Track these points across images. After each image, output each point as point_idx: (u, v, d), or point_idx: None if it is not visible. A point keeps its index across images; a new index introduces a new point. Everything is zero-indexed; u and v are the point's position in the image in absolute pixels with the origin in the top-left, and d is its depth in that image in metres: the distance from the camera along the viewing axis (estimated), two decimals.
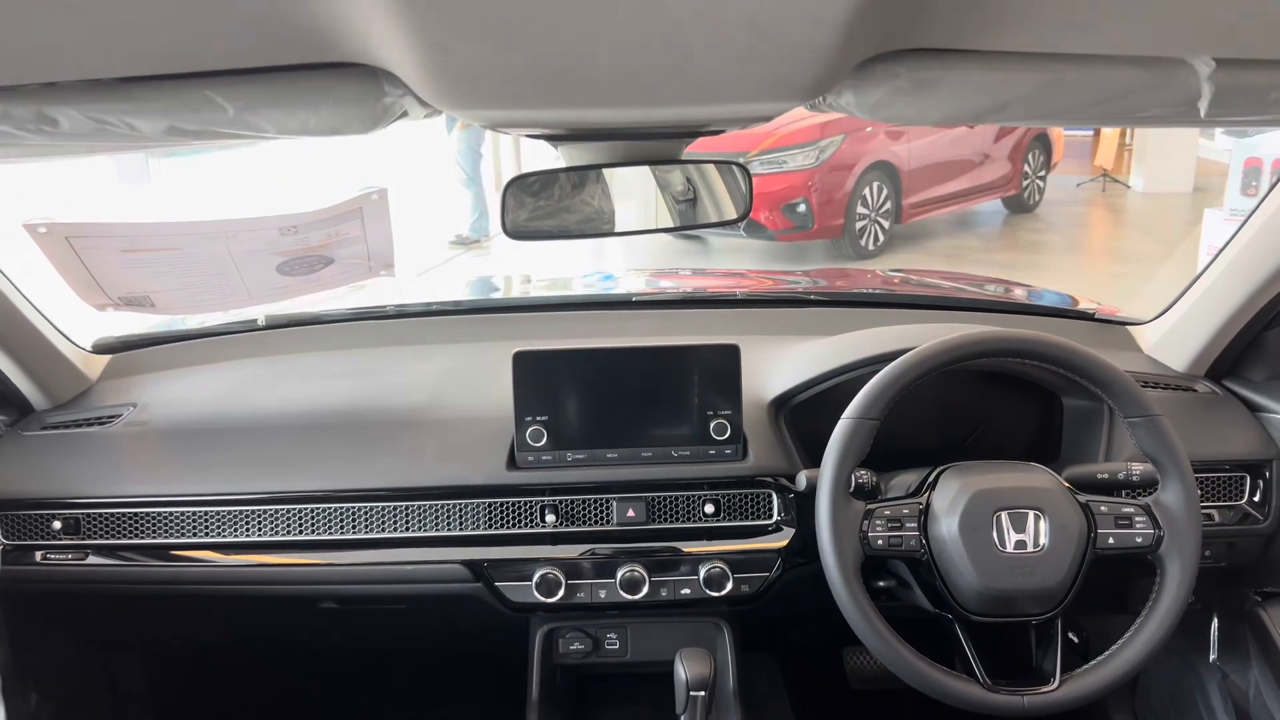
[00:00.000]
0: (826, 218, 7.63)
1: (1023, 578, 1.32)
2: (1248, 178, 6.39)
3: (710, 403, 1.54)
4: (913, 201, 8.24)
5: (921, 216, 8.44)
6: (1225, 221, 6.23)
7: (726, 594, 1.50)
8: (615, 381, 1.53)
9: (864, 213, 7.86)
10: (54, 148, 0.88)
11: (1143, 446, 1.36)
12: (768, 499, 1.54)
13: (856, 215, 7.80)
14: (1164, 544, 1.33)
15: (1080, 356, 1.36)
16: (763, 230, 7.64)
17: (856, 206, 7.80)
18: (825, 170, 7.59)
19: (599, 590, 1.51)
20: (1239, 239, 1.61)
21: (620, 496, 1.53)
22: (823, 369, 1.60)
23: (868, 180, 7.87)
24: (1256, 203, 1.57)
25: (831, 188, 7.63)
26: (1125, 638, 1.33)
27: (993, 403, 1.74)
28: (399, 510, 1.52)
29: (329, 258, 1.63)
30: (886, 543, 1.35)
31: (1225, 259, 1.64)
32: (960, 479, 1.38)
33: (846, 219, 7.75)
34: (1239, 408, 1.64)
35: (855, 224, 7.79)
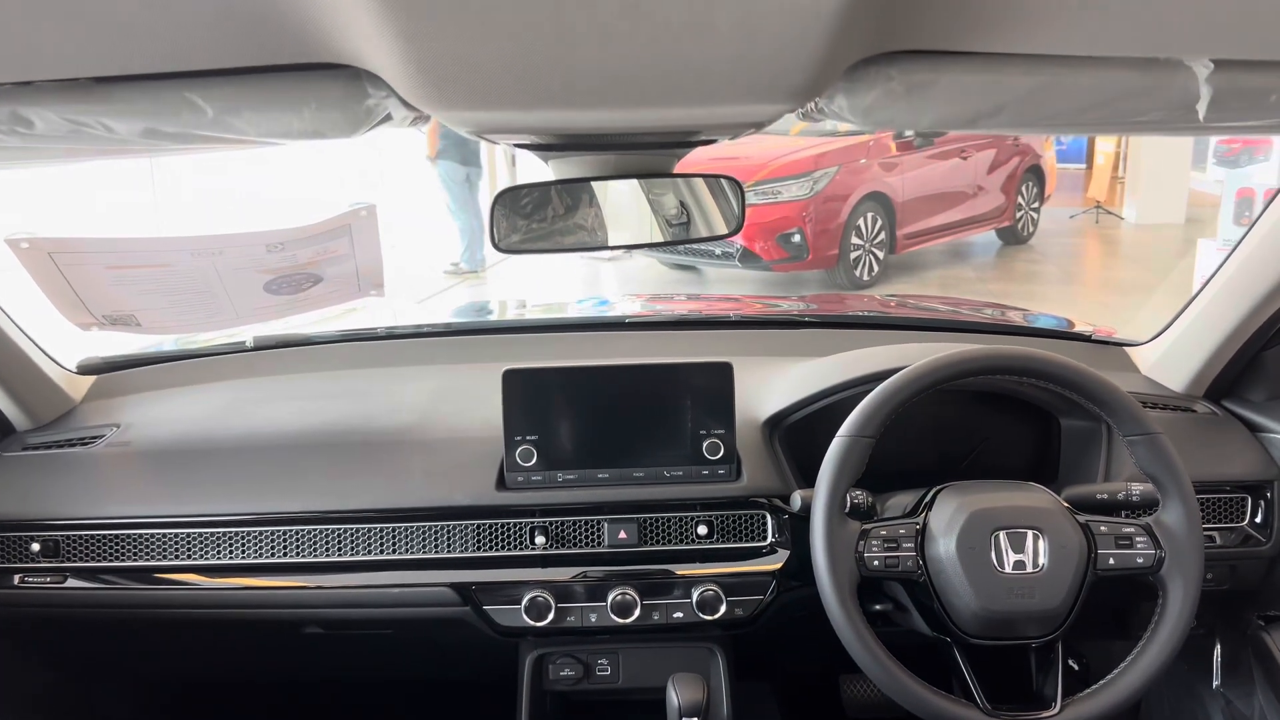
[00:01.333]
0: (821, 248, 7.65)
1: (1022, 599, 1.29)
2: (1240, 208, 6.42)
3: (703, 422, 1.51)
4: (907, 232, 8.27)
5: (916, 247, 8.48)
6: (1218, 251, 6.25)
7: (720, 617, 1.47)
8: (607, 400, 1.50)
9: (858, 243, 7.89)
10: (29, 151, 0.86)
11: (1142, 465, 1.33)
12: (762, 520, 1.52)
13: (851, 245, 7.83)
14: (1165, 564, 1.31)
15: (1078, 374, 1.34)
16: (757, 260, 7.66)
17: (851, 237, 7.83)
18: (820, 201, 7.63)
19: (590, 614, 1.48)
20: (1234, 259, 1.60)
21: (611, 518, 1.50)
22: (817, 388, 1.58)
23: (862, 211, 7.91)
24: (1251, 223, 1.56)
25: (826, 218, 7.67)
26: (1128, 661, 1.30)
27: (990, 423, 1.72)
28: (385, 532, 1.49)
29: (317, 276, 1.62)
30: (883, 563, 1.32)
31: (1221, 279, 1.63)
32: (958, 499, 1.35)
33: (841, 249, 7.78)
34: (1239, 428, 1.62)
35: (850, 254, 7.81)
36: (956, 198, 8.74)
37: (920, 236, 8.42)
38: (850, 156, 7.93)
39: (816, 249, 7.60)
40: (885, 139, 8.21)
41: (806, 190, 7.62)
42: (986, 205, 9.07)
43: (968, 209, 8.89)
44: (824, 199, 7.66)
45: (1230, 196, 6.45)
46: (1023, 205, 9.55)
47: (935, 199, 8.49)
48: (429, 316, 2.43)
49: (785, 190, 7.61)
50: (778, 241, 7.57)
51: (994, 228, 9.35)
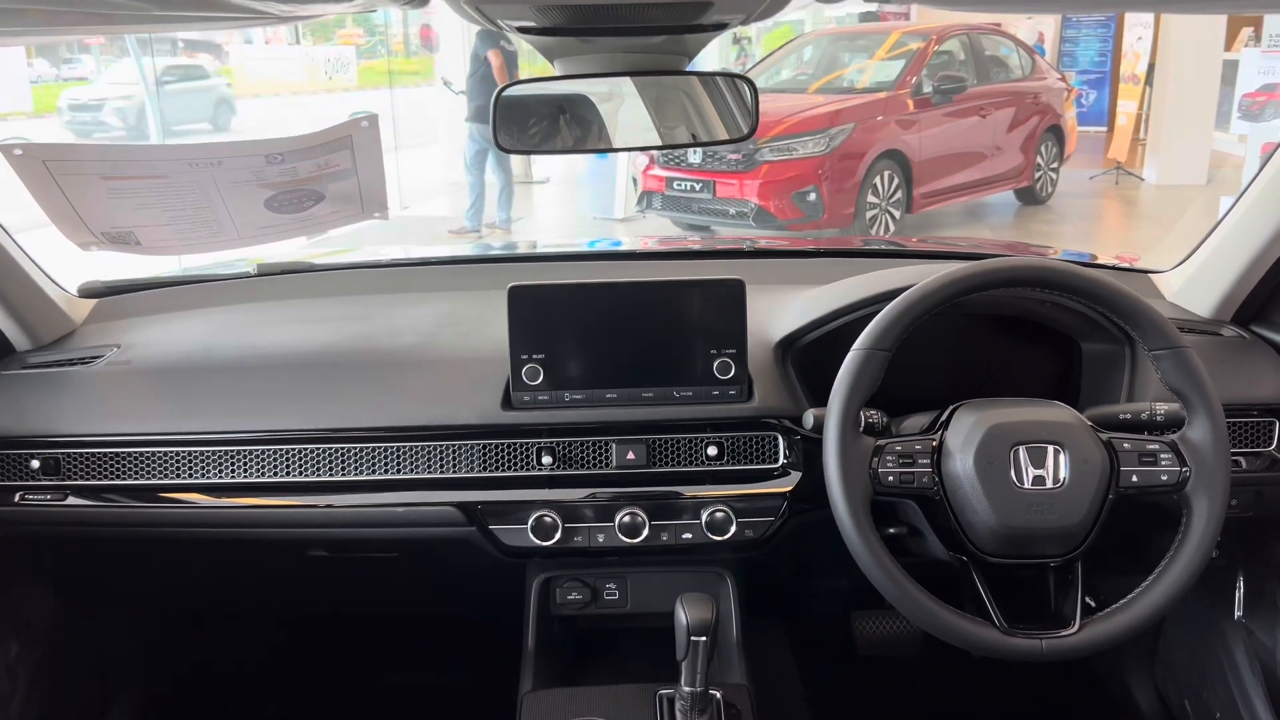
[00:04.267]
0: (837, 207, 7.55)
1: (1041, 515, 1.25)
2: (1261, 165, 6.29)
3: (714, 340, 1.47)
4: (924, 191, 8.15)
5: (933, 207, 8.36)
6: None
7: (729, 539, 1.44)
8: (615, 318, 1.47)
9: (874, 202, 7.79)
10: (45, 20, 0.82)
11: (1168, 381, 1.29)
12: (773, 441, 1.48)
13: (867, 204, 7.73)
14: (1190, 482, 1.26)
15: (1103, 286, 1.29)
16: (772, 220, 7.57)
17: (867, 195, 7.72)
18: (836, 158, 7.51)
19: (597, 534, 1.45)
20: (1260, 181, 1.55)
21: (620, 438, 1.46)
22: (832, 307, 1.53)
23: (879, 169, 7.79)
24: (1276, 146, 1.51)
25: (842, 176, 7.56)
26: (1149, 581, 1.27)
27: (1007, 349, 1.67)
28: (389, 451, 1.46)
29: (319, 193, 1.58)
30: (898, 480, 1.28)
31: (1246, 202, 1.58)
32: (976, 414, 1.31)
33: (857, 208, 7.68)
34: (1267, 351, 1.57)
35: (866, 213, 7.72)
36: (974, 157, 8.61)
37: (937, 196, 8.31)
38: (867, 113, 7.81)
39: (832, 208, 7.51)
40: (903, 96, 8.08)
41: (823, 147, 7.50)
42: (1005, 165, 8.93)
43: (986, 168, 8.75)
44: (840, 156, 7.54)
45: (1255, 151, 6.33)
46: (1041, 165, 9.39)
47: (953, 158, 8.36)
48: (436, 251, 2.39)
49: (800, 147, 7.48)
50: (793, 200, 7.47)
51: (1012, 188, 9.22)
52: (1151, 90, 10.94)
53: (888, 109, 7.96)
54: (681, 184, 7.72)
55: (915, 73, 8.18)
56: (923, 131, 8.12)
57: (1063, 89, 9.67)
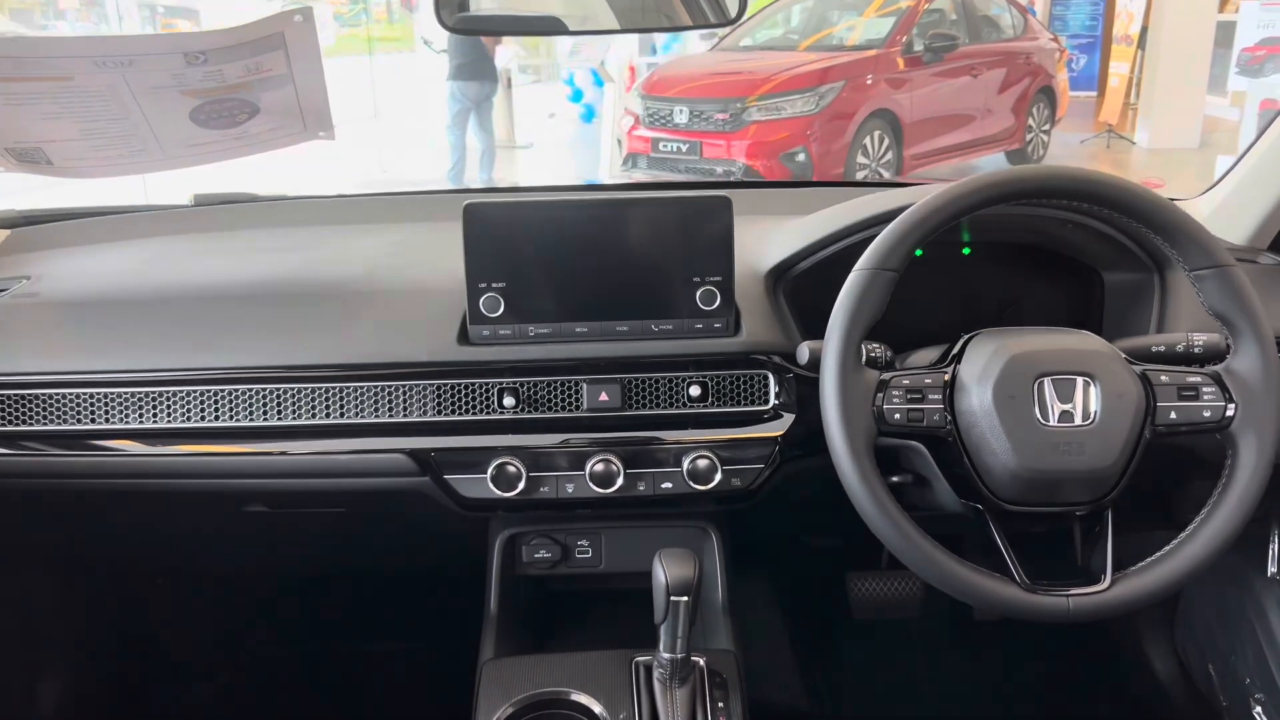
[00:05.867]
0: (826, 168, 7.37)
1: (1069, 456, 1.10)
2: (1264, 120, 6.14)
3: (697, 267, 1.31)
4: (915, 153, 7.98)
5: (923, 168, 8.18)
6: None
7: (714, 488, 1.29)
8: (585, 242, 1.30)
9: (864, 163, 7.61)
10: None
11: (1211, 304, 1.14)
12: (763, 380, 1.32)
13: (857, 165, 7.55)
14: (1237, 418, 1.11)
15: (1142, 197, 1.13)
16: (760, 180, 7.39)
17: (857, 156, 7.55)
18: (825, 118, 7.33)
19: (566, 484, 1.29)
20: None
21: (591, 378, 1.31)
22: (828, 231, 1.37)
23: (869, 129, 7.62)
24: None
25: (831, 136, 7.39)
26: (1190, 529, 1.12)
27: (1021, 283, 1.52)
28: (332, 393, 1.30)
29: (252, 104, 1.40)
30: (905, 417, 1.13)
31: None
32: (994, 342, 1.16)
33: (846, 169, 7.50)
34: None
35: (856, 175, 7.54)
36: (965, 118, 8.45)
37: (928, 157, 8.14)
38: (857, 71, 7.63)
39: (821, 168, 7.33)
40: (893, 54, 7.90)
41: (812, 106, 7.32)
42: (996, 126, 8.77)
43: (977, 129, 8.60)
44: (829, 116, 7.36)
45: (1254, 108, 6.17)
46: (1033, 128, 9.23)
47: (944, 119, 8.21)
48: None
49: (789, 106, 7.30)
50: (781, 160, 7.28)
51: (1003, 150, 9.04)
52: (1144, 53, 10.78)
53: (878, 67, 7.78)
54: (668, 144, 7.53)
55: (906, 31, 8.00)
56: (913, 91, 7.95)
57: (1055, 49, 9.52)
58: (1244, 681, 1.51)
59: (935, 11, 8.47)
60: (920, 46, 7.95)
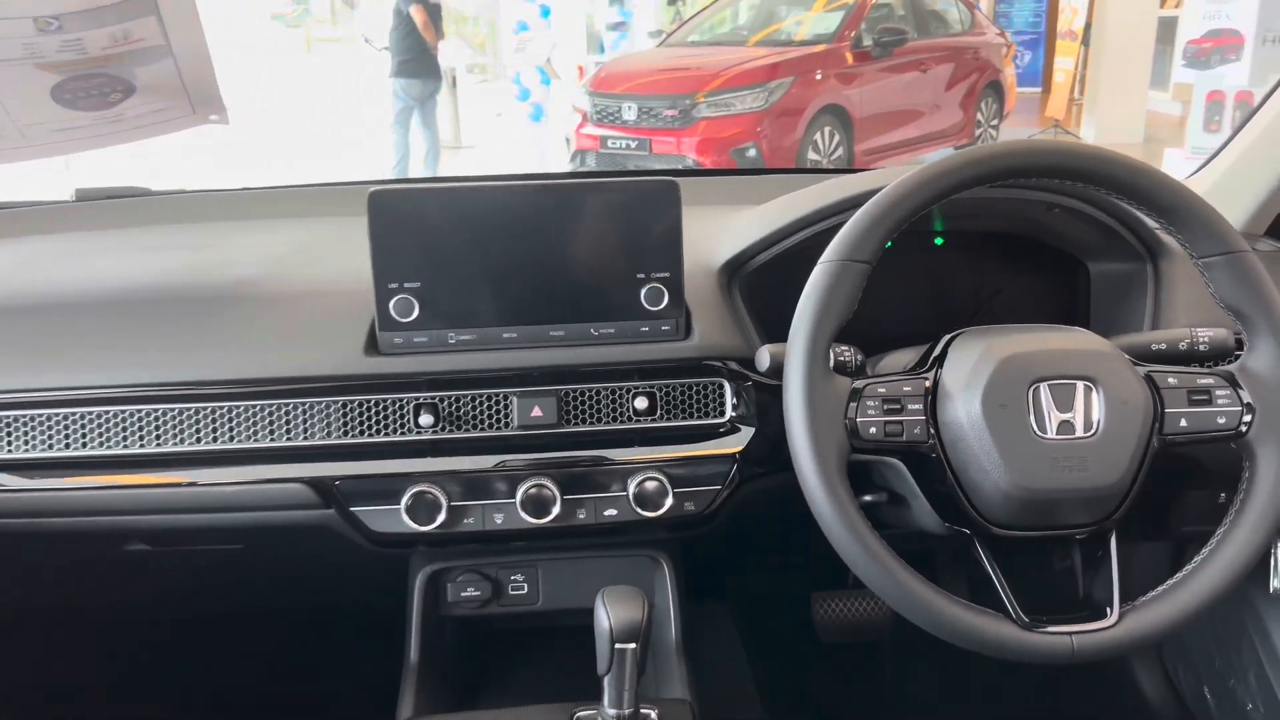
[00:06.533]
0: (777, 164, 7.28)
1: (1069, 473, 0.96)
2: (1210, 112, 6.13)
3: (641, 262, 1.15)
4: (865, 148, 7.93)
5: (875, 164, 8.12)
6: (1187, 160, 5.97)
7: (665, 514, 1.13)
8: (512, 234, 1.14)
9: (815, 159, 7.54)
10: None
11: (1222, 295, 1.00)
12: (718, 390, 1.17)
13: (808, 161, 7.46)
14: (1255, 425, 0.98)
15: (1141, 174, 0.99)
16: None
17: (808, 153, 7.47)
18: (775, 114, 7.26)
19: (494, 514, 1.13)
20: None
21: (522, 390, 1.14)
22: (790, 218, 1.22)
23: (819, 125, 7.56)
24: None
25: (782, 132, 7.31)
26: (1205, 552, 0.98)
27: (998, 276, 1.38)
28: (219, 414, 1.12)
29: (126, 81, 1.22)
30: (882, 431, 0.98)
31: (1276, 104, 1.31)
32: (980, 343, 1.01)
33: (798, 165, 7.41)
34: None
35: None
36: (915, 113, 8.43)
37: (879, 153, 8.08)
38: (806, 67, 7.57)
39: (772, 164, 7.23)
40: (842, 49, 7.83)
41: (762, 102, 7.24)
42: (945, 121, 8.76)
43: (926, 124, 8.57)
44: (780, 112, 7.29)
45: (1200, 100, 6.16)
46: (982, 122, 9.24)
47: (894, 114, 8.18)
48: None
49: (739, 102, 7.22)
50: (731, 156, 7.16)
51: (953, 145, 9.01)
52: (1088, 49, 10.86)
53: (827, 62, 7.72)
54: (617, 142, 7.39)
55: (854, 25, 7.96)
56: (863, 86, 7.90)
57: (1001, 44, 9.55)
58: (1245, 708, 1.38)
59: (883, 6, 8.44)
60: (869, 41, 7.90)
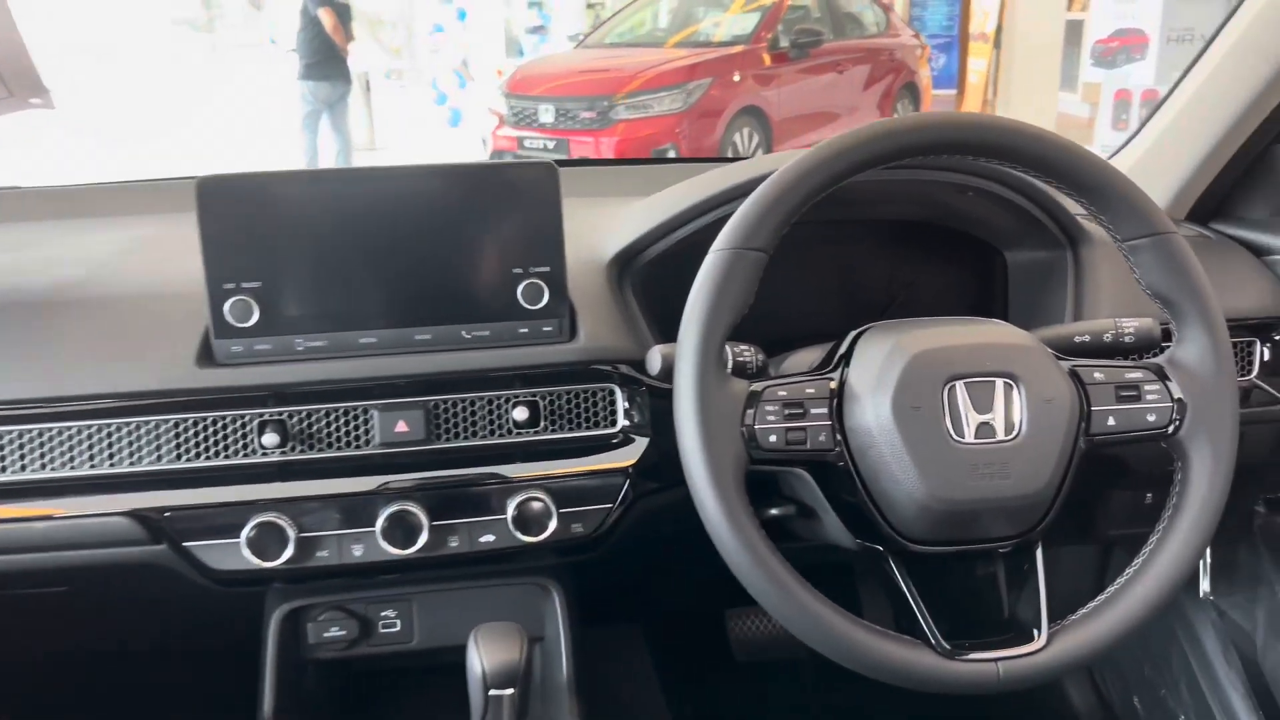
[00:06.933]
0: None
1: (990, 481, 0.86)
2: (1118, 110, 6.24)
3: (518, 255, 1.03)
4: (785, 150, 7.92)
5: None
6: None
7: (549, 538, 1.01)
8: (369, 225, 1.00)
9: None
10: None
11: (1149, 281, 0.92)
12: (608, 397, 1.05)
13: None
14: (1187, 421, 0.90)
15: (1063, 151, 0.91)
16: None
17: (727, 154, 7.42)
18: (694, 115, 7.23)
19: (352, 545, 0.99)
20: (1211, 56, 1.22)
21: (384, 403, 1.01)
22: (684, 206, 1.11)
23: (738, 126, 7.54)
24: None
25: (701, 134, 7.28)
26: (1138, 562, 0.90)
27: (910, 267, 1.29)
28: (28, 438, 0.96)
29: None
30: (783, 440, 0.87)
31: (1196, 80, 1.25)
32: (889, 339, 0.91)
33: None
34: (1239, 253, 1.24)
35: None
36: (833, 114, 8.46)
37: None
38: (724, 68, 7.56)
39: None
40: (760, 50, 7.83)
41: (680, 103, 7.20)
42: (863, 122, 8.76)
43: (844, 125, 8.50)
44: (698, 113, 7.27)
45: (1108, 99, 6.26)
46: None
47: (812, 115, 8.20)
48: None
49: (657, 103, 7.17)
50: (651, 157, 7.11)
51: None
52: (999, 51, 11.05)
53: (745, 64, 7.72)
54: (533, 143, 7.28)
55: (771, 27, 7.98)
56: (781, 88, 7.92)
57: (916, 46, 9.66)
58: (1176, 718, 1.31)
59: (799, 8, 8.48)
60: (786, 43, 7.92)
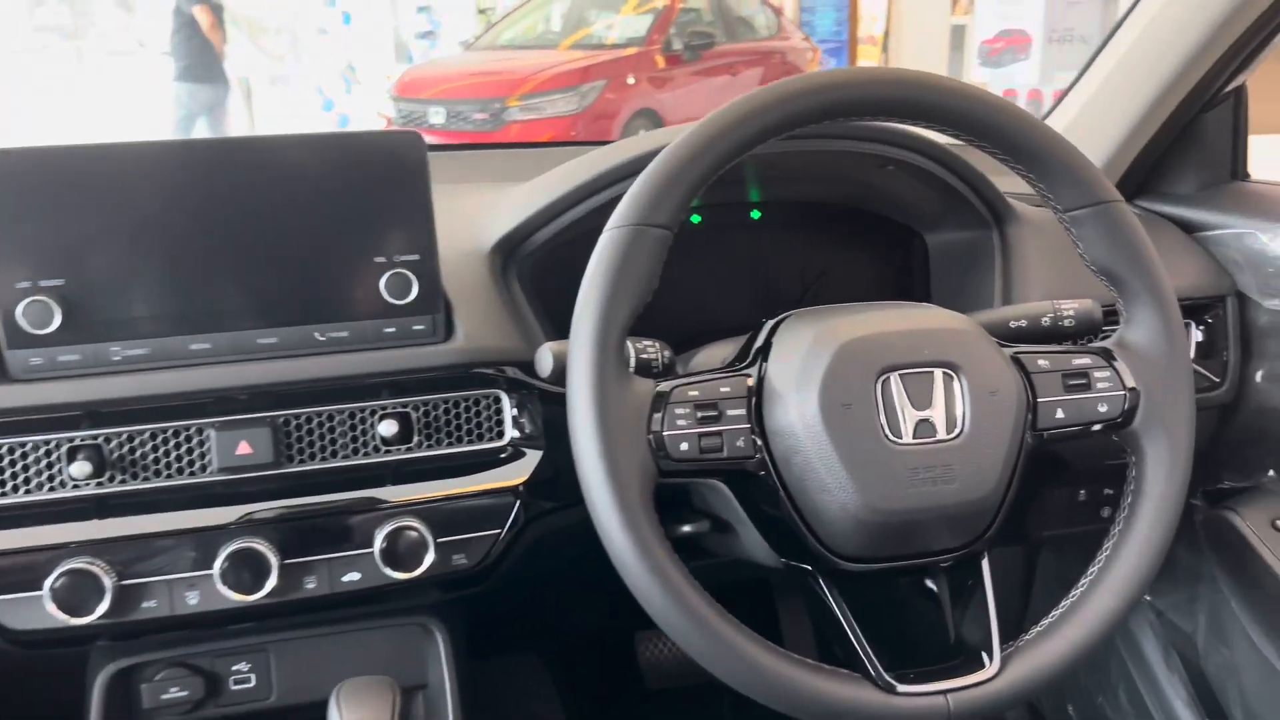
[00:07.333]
0: None
1: (933, 487, 0.75)
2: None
3: (380, 241, 0.88)
4: None
5: None
6: None
7: (427, 573, 0.86)
8: (197, 209, 0.84)
9: None
10: None
11: (1093, 255, 0.82)
12: (493, 405, 0.91)
13: None
14: (1141, 409, 0.80)
15: (1001, 111, 0.80)
16: None
17: None
18: (589, 118, 7.15)
19: (185, 592, 0.83)
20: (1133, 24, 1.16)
21: (222, 421, 0.85)
22: (576, 183, 0.98)
23: (634, 129, 7.47)
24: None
25: (596, 136, 7.18)
26: (1094, 570, 0.80)
27: (825, 253, 1.19)
28: None
29: None
30: (696, 447, 0.74)
31: (1118, 49, 1.19)
32: (813, 327, 0.79)
33: None
34: (1168, 230, 1.17)
35: None
36: None
37: None
38: (618, 70, 7.51)
39: None
40: (653, 52, 7.80)
41: (575, 105, 7.11)
42: None
43: None
44: (593, 116, 7.19)
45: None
46: None
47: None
48: None
49: (551, 105, 7.06)
50: None
51: None
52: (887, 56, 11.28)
53: (639, 66, 7.68)
54: None
55: (664, 29, 7.97)
56: (675, 90, 7.90)
57: (807, 49, 9.78)
58: None
59: (691, 11, 8.49)
60: (679, 45, 7.89)
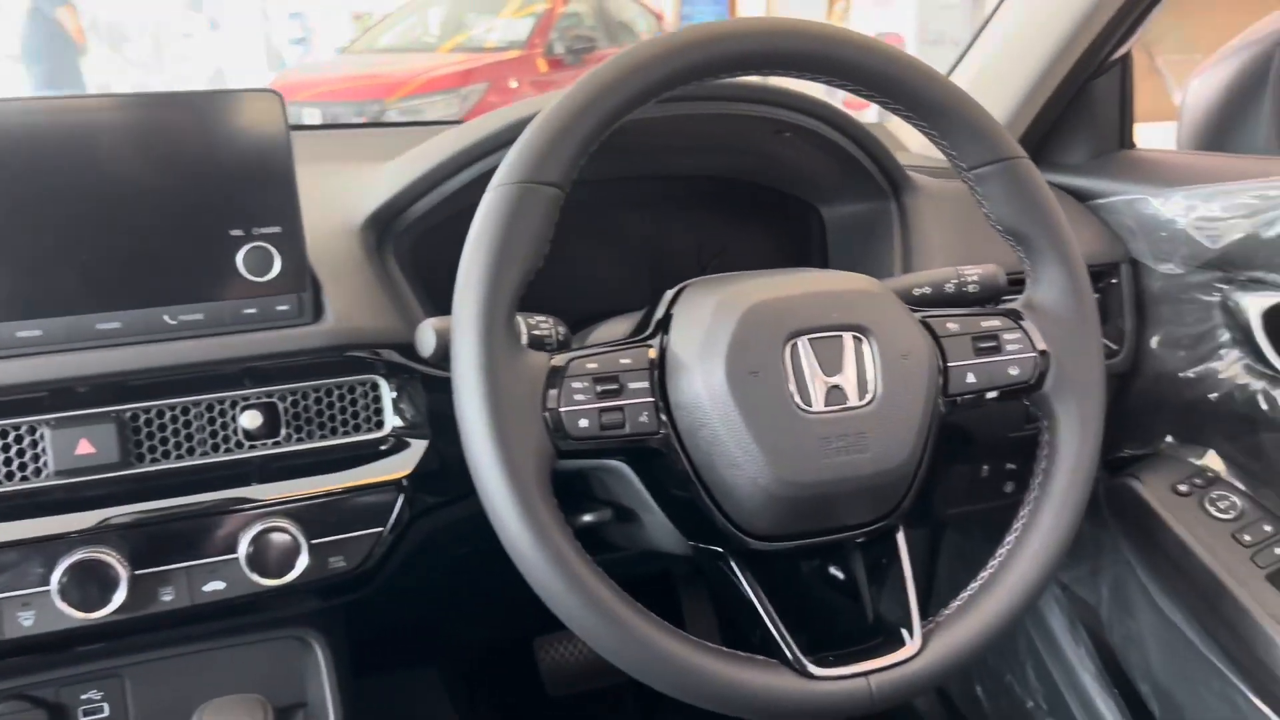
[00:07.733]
0: None
1: (847, 456, 0.71)
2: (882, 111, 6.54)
3: (235, 211, 0.79)
4: None
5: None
6: None
7: (300, 579, 0.78)
8: (27, 177, 0.74)
9: None
10: None
11: (998, 214, 0.80)
12: (370, 392, 0.83)
13: None
14: (1052, 371, 0.78)
15: (902, 65, 0.77)
16: None
17: None
18: None
19: (19, 612, 0.73)
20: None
21: (59, 417, 0.75)
22: (458, 148, 0.91)
23: None
24: None
25: None
26: (1011, 540, 0.77)
27: (722, 232, 1.15)
28: None
29: None
30: (596, 424, 0.68)
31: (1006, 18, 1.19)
32: (716, 294, 0.74)
33: None
34: (1063, 198, 1.17)
35: None
36: None
37: None
38: (500, 73, 7.42)
39: None
40: (535, 56, 7.72)
41: (455, 109, 6.95)
42: None
43: None
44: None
45: None
46: None
47: None
48: None
49: (431, 108, 6.89)
50: None
51: None
52: None
53: (521, 69, 7.58)
54: None
55: (545, 33, 7.91)
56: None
57: None
58: (1025, 705, 1.23)
59: (572, 15, 8.45)
60: (561, 49, 7.84)
